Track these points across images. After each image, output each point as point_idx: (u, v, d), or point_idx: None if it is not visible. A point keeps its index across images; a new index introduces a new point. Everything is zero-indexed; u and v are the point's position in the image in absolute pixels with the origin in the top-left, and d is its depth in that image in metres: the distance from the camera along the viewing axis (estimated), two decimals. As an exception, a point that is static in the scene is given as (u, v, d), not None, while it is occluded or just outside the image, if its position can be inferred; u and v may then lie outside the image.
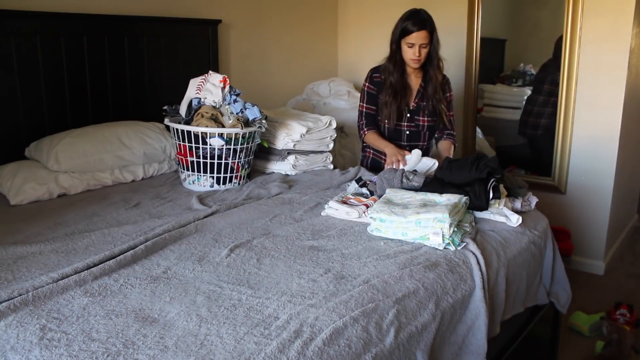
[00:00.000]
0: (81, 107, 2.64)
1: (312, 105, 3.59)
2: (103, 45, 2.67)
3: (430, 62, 2.53)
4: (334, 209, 2.04)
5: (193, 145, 2.34)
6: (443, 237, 1.74)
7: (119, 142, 2.44)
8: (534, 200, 2.19)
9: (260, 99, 2.88)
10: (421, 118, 2.60)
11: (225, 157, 2.37)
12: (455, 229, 1.80)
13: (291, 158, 2.65)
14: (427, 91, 2.57)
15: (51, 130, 2.49)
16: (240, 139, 2.39)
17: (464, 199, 1.91)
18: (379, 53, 3.96)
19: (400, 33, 2.47)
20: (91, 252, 1.68)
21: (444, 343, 1.51)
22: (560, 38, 3.20)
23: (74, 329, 1.25)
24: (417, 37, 2.42)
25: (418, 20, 2.42)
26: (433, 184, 2.06)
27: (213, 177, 2.40)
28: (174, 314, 1.33)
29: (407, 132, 2.62)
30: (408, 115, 2.60)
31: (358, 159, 3.26)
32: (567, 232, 3.20)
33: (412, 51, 2.45)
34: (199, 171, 2.38)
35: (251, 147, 2.47)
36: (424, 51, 2.47)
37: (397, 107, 2.56)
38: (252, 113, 2.45)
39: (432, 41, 2.47)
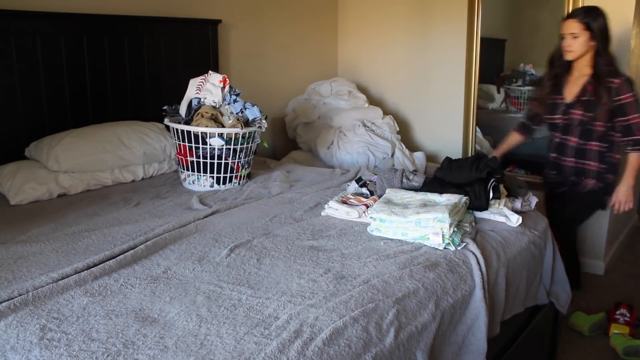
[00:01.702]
0: (81, 107, 2.64)
1: (312, 104, 3.59)
2: (103, 45, 2.67)
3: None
4: (334, 209, 2.04)
5: (193, 145, 2.35)
6: (443, 237, 1.74)
7: (119, 142, 2.44)
8: (534, 200, 2.19)
9: (260, 99, 2.88)
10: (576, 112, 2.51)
11: (225, 157, 2.37)
12: (455, 229, 1.80)
13: None
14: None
15: (51, 130, 2.49)
16: (240, 139, 2.39)
17: (464, 199, 1.91)
18: (379, 52, 3.99)
19: None
20: (91, 252, 1.68)
21: (444, 343, 1.51)
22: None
23: (74, 329, 1.25)
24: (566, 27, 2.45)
25: (572, 11, 2.50)
26: (433, 184, 2.06)
27: (213, 177, 2.40)
28: (174, 314, 1.33)
29: (561, 125, 2.58)
30: (564, 108, 2.55)
31: (357, 159, 3.27)
32: (567, 232, 3.19)
33: (563, 41, 2.48)
34: (199, 171, 2.38)
35: (251, 147, 2.47)
36: (576, 42, 2.43)
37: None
38: (252, 113, 2.45)
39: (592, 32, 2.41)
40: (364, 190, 2.23)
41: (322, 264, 1.62)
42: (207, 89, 2.43)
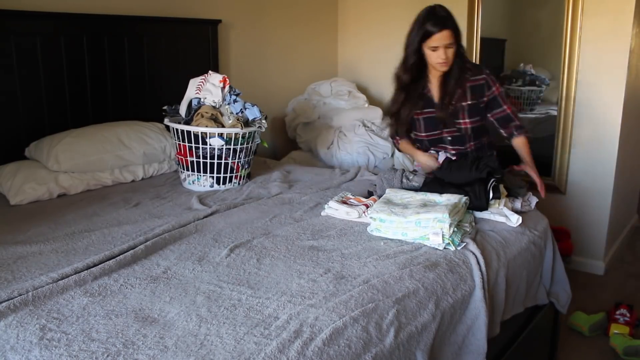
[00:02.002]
0: (81, 107, 2.64)
1: (312, 105, 3.59)
2: (103, 45, 2.67)
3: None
4: (334, 209, 2.04)
5: (193, 145, 2.35)
6: (443, 237, 1.74)
7: (119, 142, 2.44)
8: (534, 200, 2.19)
9: (260, 99, 2.88)
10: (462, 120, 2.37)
11: (225, 157, 2.37)
12: (455, 229, 1.80)
13: None
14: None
15: (51, 130, 2.49)
16: (240, 139, 2.39)
17: (464, 199, 1.91)
18: (379, 52, 3.99)
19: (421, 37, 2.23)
20: (91, 252, 1.68)
21: (444, 343, 1.51)
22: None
23: (74, 329, 1.25)
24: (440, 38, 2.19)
25: (438, 19, 2.20)
26: (433, 184, 2.06)
27: (213, 177, 2.40)
28: (174, 314, 1.33)
29: (449, 138, 2.42)
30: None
31: (357, 159, 3.27)
32: (567, 232, 3.19)
33: (437, 54, 2.22)
34: (199, 171, 2.38)
35: (251, 147, 2.47)
36: (450, 52, 2.22)
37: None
38: (252, 113, 2.45)
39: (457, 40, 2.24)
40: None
41: (322, 264, 1.62)
42: (207, 89, 2.44)
